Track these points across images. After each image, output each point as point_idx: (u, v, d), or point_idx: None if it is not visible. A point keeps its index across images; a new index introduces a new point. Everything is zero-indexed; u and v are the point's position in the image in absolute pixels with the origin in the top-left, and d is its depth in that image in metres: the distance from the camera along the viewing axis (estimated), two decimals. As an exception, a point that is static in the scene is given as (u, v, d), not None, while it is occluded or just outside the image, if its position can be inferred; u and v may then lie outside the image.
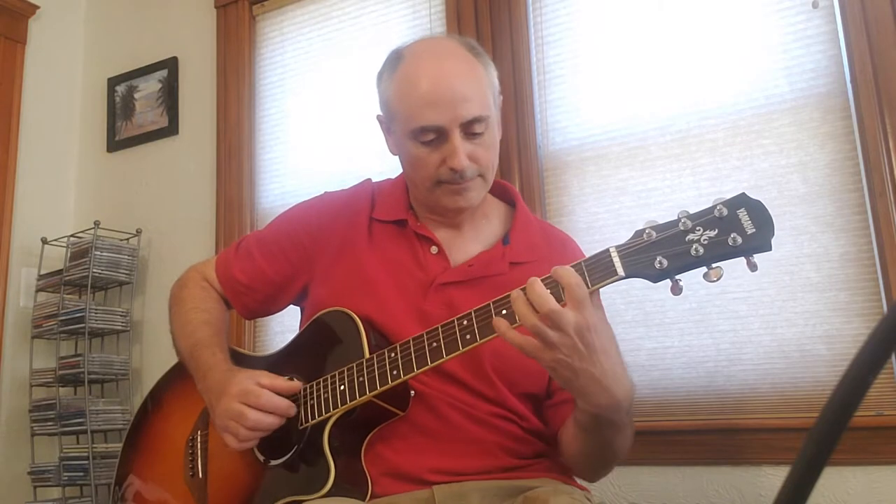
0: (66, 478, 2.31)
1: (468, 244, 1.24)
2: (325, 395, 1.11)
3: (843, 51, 1.73)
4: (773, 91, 1.81)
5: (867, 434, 1.59)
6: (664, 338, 1.82)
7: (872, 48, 1.69)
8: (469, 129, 1.13)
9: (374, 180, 1.36)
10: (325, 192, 1.37)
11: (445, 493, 1.09)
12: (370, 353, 1.10)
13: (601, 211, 1.95)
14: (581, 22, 2.06)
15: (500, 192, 1.30)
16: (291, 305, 1.37)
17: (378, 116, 1.27)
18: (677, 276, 0.94)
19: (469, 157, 1.13)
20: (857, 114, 1.69)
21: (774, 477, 1.67)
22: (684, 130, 1.89)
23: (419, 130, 1.13)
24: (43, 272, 2.53)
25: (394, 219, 1.25)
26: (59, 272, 2.48)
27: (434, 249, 1.22)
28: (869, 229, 1.66)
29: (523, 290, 0.94)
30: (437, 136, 1.13)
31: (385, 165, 2.22)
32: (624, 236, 1.93)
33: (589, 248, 1.34)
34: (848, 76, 1.71)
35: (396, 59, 1.19)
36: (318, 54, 2.48)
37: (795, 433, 1.63)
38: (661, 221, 0.96)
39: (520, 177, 2.04)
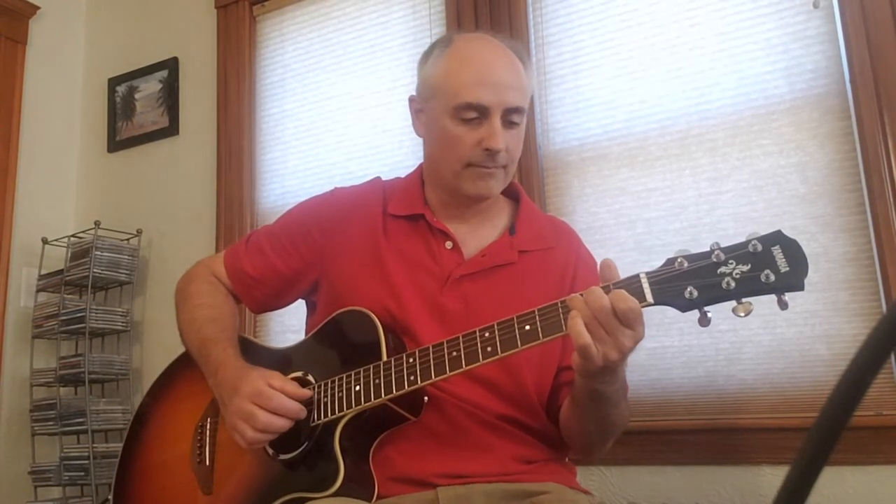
0: (66, 477, 2.31)
1: (479, 237, 1.26)
2: (340, 395, 1.12)
3: (843, 51, 1.73)
4: (772, 91, 1.81)
5: (867, 434, 1.59)
6: (663, 337, 1.83)
7: (872, 49, 1.69)
8: (508, 116, 1.17)
9: (382, 179, 1.37)
10: (336, 188, 1.38)
11: (450, 495, 1.10)
12: (388, 357, 1.11)
13: (601, 211, 1.95)
14: (581, 22, 2.07)
15: (505, 188, 1.33)
16: (300, 300, 1.38)
17: (411, 97, 1.29)
18: (706, 308, 0.94)
19: (504, 143, 1.17)
20: (857, 114, 1.69)
21: (774, 477, 1.67)
22: (684, 130, 1.89)
23: (464, 106, 1.16)
24: (43, 272, 2.53)
25: (410, 213, 1.26)
26: (60, 272, 2.48)
27: (449, 244, 1.23)
28: (868, 229, 1.66)
29: (582, 295, 0.96)
30: (479, 116, 1.16)
31: (384, 165, 2.23)
32: (624, 236, 1.95)
33: (589, 248, 1.36)
34: (847, 77, 1.72)
35: (447, 42, 1.24)
36: (318, 55, 2.48)
37: (795, 433, 1.63)
38: (693, 251, 0.96)
39: (520, 177, 2.04)
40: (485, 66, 1.17)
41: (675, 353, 1.81)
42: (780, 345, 1.71)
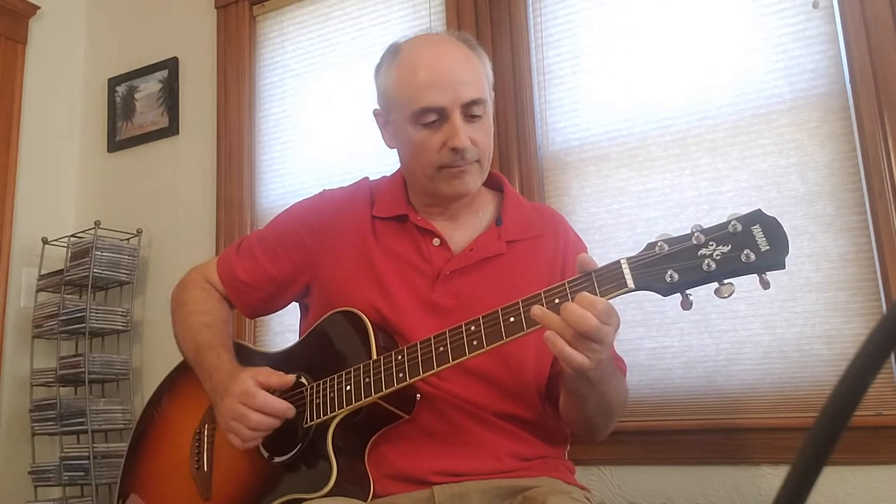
0: (66, 477, 2.31)
1: (466, 232, 1.26)
2: (331, 395, 1.12)
3: (843, 51, 1.73)
4: (772, 91, 1.81)
5: (867, 434, 1.59)
6: (664, 337, 1.83)
7: (872, 48, 1.69)
8: (468, 111, 1.16)
9: (370, 179, 1.37)
10: (324, 191, 1.39)
11: (445, 493, 1.10)
12: (377, 355, 1.11)
13: (601, 211, 1.95)
14: (581, 22, 2.07)
15: (488, 180, 1.34)
16: (293, 303, 1.38)
17: (375, 111, 1.29)
18: (688, 291, 0.94)
19: (469, 139, 1.16)
20: (857, 114, 1.69)
21: (774, 476, 1.67)
22: (684, 130, 1.89)
23: (420, 112, 1.16)
24: (43, 272, 2.52)
25: (394, 214, 1.27)
26: (60, 272, 2.48)
27: (436, 241, 1.24)
28: (868, 229, 1.66)
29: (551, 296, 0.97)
30: (438, 118, 1.16)
31: (384, 165, 2.23)
32: (624, 236, 1.95)
33: (589, 248, 1.35)
34: (847, 76, 1.72)
35: (395, 52, 1.23)
36: (318, 55, 2.48)
37: (795, 433, 1.63)
38: (674, 234, 0.96)
39: (520, 177, 2.04)
40: (433, 67, 1.17)
41: (675, 354, 1.81)
42: (780, 345, 1.71)
